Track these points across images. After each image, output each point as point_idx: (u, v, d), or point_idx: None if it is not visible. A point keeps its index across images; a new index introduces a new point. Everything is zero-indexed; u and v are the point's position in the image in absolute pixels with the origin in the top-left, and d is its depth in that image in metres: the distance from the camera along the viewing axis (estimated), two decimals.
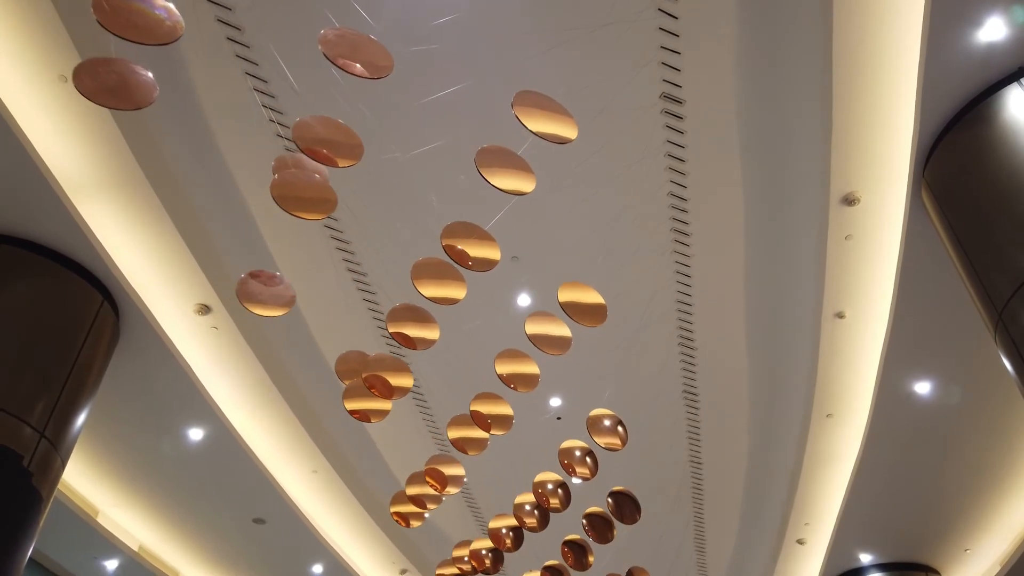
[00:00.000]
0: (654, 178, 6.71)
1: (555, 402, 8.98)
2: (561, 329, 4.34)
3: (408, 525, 5.33)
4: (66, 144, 5.92)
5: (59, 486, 7.64)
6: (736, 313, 8.00)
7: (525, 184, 3.61)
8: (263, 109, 6.20)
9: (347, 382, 4.48)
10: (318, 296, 7.89)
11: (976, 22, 4.85)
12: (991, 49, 4.98)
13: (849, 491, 9.12)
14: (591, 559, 5.59)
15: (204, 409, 7.95)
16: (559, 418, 9.06)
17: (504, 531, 5.62)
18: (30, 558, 6.13)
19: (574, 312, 4.10)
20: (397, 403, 9.78)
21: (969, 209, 5.33)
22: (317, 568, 11.06)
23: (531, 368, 4.58)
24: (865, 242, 6.77)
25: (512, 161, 3.63)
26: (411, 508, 5.23)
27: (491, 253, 3.85)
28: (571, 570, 5.78)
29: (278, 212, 7.42)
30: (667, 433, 9.44)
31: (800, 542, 11.04)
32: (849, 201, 6.42)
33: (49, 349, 5.98)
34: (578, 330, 4.69)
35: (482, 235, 3.85)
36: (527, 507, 5.43)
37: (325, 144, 3.38)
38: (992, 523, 9.63)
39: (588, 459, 5.14)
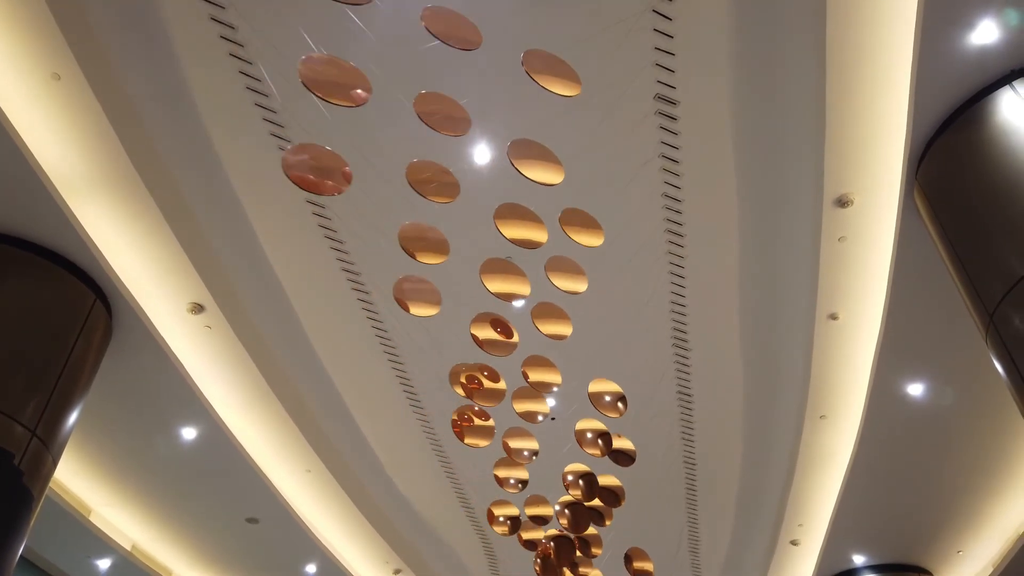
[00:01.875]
0: (648, 179, 6.72)
1: (549, 402, 8.97)
2: (580, 282, 4.41)
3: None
4: (59, 142, 5.91)
5: (52, 485, 7.64)
6: (730, 314, 8.02)
7: (553, 176, 3.82)
8: (257, 108, 6.19)
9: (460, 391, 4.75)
10: (312, 295, 7.89)
11: (969, 25, 4.86)
12: (984, 52, 4.99)
13: (842, 492, 9.14)
14: (608, 523, 5.63)
15: (197, 408, 7.93)
16: (553, 418, 9.05)
17: (544, 540, 5.65)
18: (22, 557, 6.12)
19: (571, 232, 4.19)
20: (392, 404, 9.79)
21: (961, 211, 5.34)
22: (311, 568, 11.05)
23: (566, 328, 4.65)
24: (858, 244, 6.79)
25: (540, 153, 3.84)
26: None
27: (538, 235, 4.02)
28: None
29: (272, 211, 7.45)
30: (661, 434, 9.46)
31: (794, 543, 11.07)
32: (842, 203, 6.43)
33: (41, 347, 5.96)
34: (573, 331, 4.71)
35: (529, 215, 3.99)
36: (558, 507, 5.48)
37: (436, 117, 3.67)
38: (985, 524, 9.66)
39: (600, 440, 5.25)
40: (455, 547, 12.16)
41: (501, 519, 5.58)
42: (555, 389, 4.87)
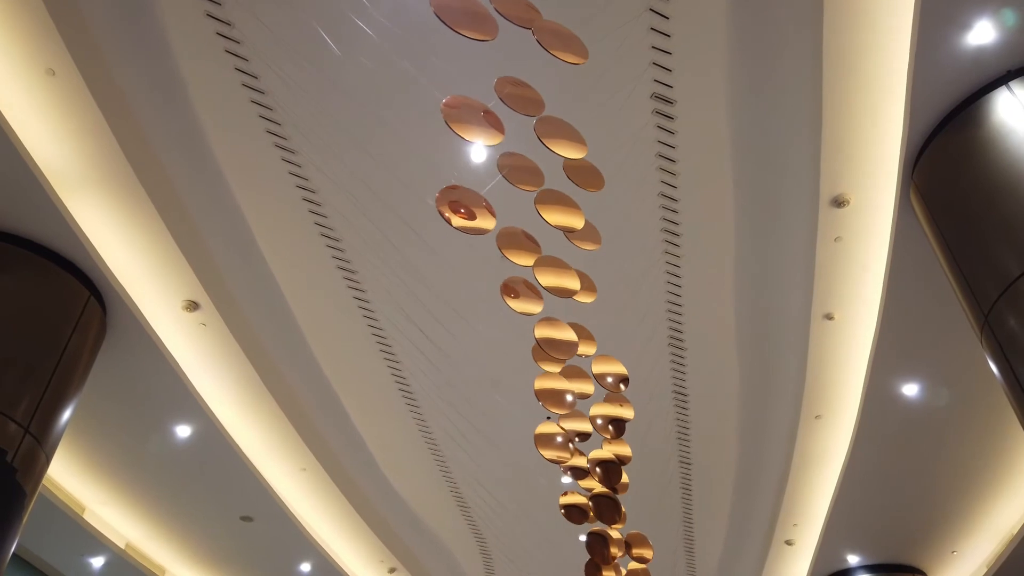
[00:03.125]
0: (645, 179, 6.72)
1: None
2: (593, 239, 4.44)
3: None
4: (54, 138, 5.88)
5: (46, 483, 7.61)
6: (726, 314, 8.02)
7: (578, 151, 3.88)
8: (253, 105, 6.17)
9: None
10: (308, 293, 7.87)
11: (965, 25, 4.86)
12: (980, 52, 5.00)
13: (837, 492, 9.15)
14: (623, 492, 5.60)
15: (192, 406, 7.91)
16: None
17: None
18: (15, 555, 6.10)
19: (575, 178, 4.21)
20: (387, 402, 9.77)
21: (957, 212, 5.35)
22: (305, 566, 11.03)
23: (591, 296, 4.67)
24: (854, 244, 6.79)
25: (567, 132, 3.91)
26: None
27: (575, 221, 4.05)
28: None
29: (268, 209, 7.42)
30: (657, 433, 9.46)
31: (788, 543, 11.08)
32: (839, 203, 6.44)
33: (35, 344, 5.94)
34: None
35: (569, 203, 4.01)
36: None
37: (516, 99, 3.79)
38: (979, 525, 9.68)
39: (611, 426, 5.25)
40: (450, 546, 12.15)
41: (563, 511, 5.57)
42: (582, 355, 4.87)
